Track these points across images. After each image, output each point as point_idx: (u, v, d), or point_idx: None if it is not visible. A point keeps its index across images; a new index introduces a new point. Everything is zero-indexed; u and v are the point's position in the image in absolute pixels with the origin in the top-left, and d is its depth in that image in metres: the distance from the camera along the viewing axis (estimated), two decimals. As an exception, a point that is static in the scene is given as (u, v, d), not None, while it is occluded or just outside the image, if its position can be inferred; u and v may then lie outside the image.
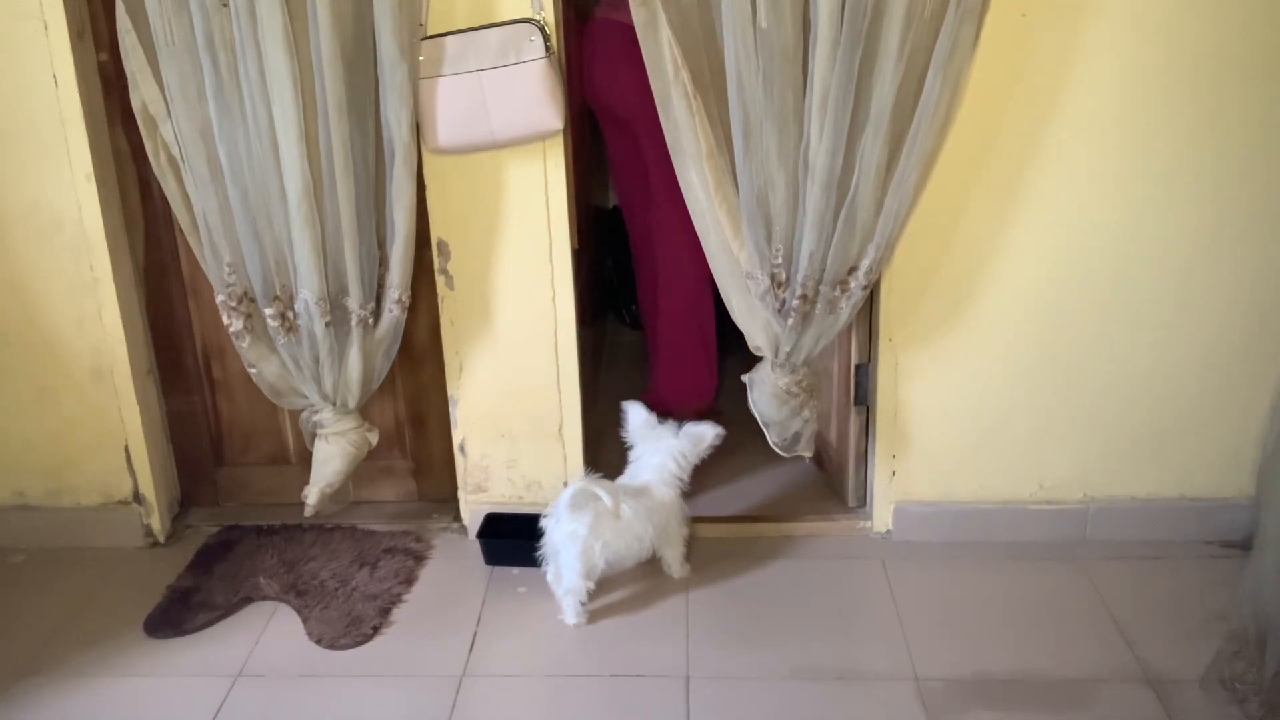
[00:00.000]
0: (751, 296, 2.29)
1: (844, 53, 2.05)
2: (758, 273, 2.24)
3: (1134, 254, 2.37)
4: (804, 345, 2.32)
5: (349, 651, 2.28)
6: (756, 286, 2.26)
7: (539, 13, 2.22)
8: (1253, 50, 2.22)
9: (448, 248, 2.44)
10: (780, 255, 2.22)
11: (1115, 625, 2.28)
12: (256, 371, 2.43)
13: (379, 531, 2.68)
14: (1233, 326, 2.41)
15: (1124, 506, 2.56)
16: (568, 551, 2.26)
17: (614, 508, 2.25)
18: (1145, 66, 2.23)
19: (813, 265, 2.22)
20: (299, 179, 2.22)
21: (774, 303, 2.26)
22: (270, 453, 2.77)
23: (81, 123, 2.37)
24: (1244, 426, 2.47)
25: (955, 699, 2.09)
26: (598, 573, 2.30)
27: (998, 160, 2.29)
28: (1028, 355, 2.44)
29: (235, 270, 2.34)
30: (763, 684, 2.14)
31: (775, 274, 2.24)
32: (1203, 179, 2.31)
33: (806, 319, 2.28)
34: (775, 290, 2.25)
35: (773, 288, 2.25)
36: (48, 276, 2.48)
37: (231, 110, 2.21)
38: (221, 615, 2.39)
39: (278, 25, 2.12)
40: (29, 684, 2.20)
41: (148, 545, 2.68)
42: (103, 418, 2.58)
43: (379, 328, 2.41)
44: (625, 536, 2.29)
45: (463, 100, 2.23)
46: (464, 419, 2.59)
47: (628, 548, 2.32)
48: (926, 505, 2.57)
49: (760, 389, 2.41)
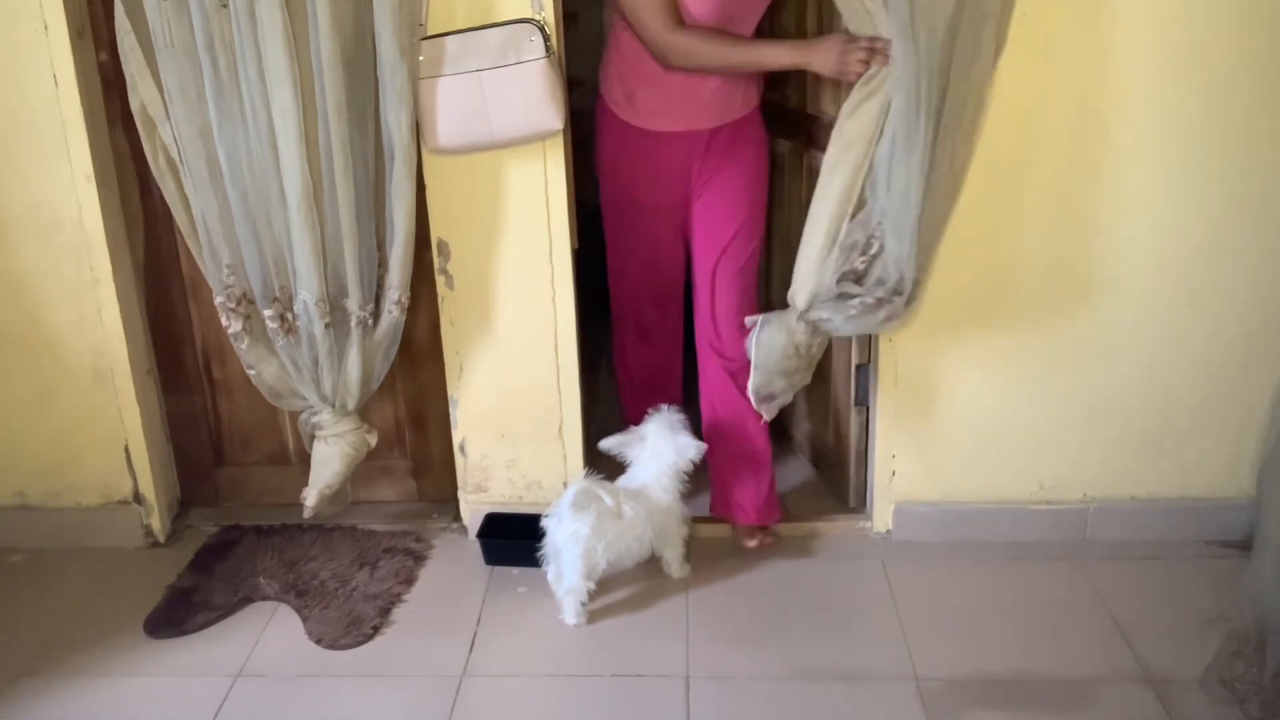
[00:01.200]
0: (832, 255, 2.24)
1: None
2: (855, 258, 2.24)
3: (1133, 254, 2.37)
4: (838, 324, 2.28)
5: (349, 651, 2.28)
6: (844, 261, 2.24)
7: (539, 13, 2.22)
8: (1253, 50, 2.22)
9: (448, 248, 2.44)
10: (869, 251, 2.23)
11: (1115, 625, 2.28)
12: (255, 373, 2.43)
13: (379, 531, 2.68)
14: (1233, 326, 2.41)
15: (1124, 506, 2.56)
16: (570, 552, 2.26)
17: (616, 508, 2.25)
18: (1145, 67, 2.23)
19: (896, 269, 2.21)
20: (298, 180, 2.22)
21: (848, 282, 2.26)
22: (270, 453, 2.77)
23: (81, 123, 2.37)
24: (1244, 426, 2.47)
25: (955, 699, 2.09)
26: (599, 573, 2.30)
27: (994, 162, 2.29)
28: (1027, 355, 2.44)
29: (234, 271, 2.34)
30: (763, 684, 2.14)
31: (858, 266, 2.24)
32: (1202, 179, 2.31)
33: (863, 311, 2.26)
34: (854, 277, 2.25)
35: (851, 275, 2.25)
36: (48, 276, 2.48)
37: (231, 111, 2.21)
38: (221, 615, 2.40)
39: (277, 26, 2.11)
40: (29, 684, 2.21)
41: (148, 545, 2.68)
42: (103, 418, 2.58)
43: (378, 329, 2.40)
44: (626, 537, 2.29)
45: (463, 100, 2.23)
46: (464, 419, 2.59)
47: (628, 548, 2.32)
48: (926, 505, 2.57)
49: (772, 331, 2.33)
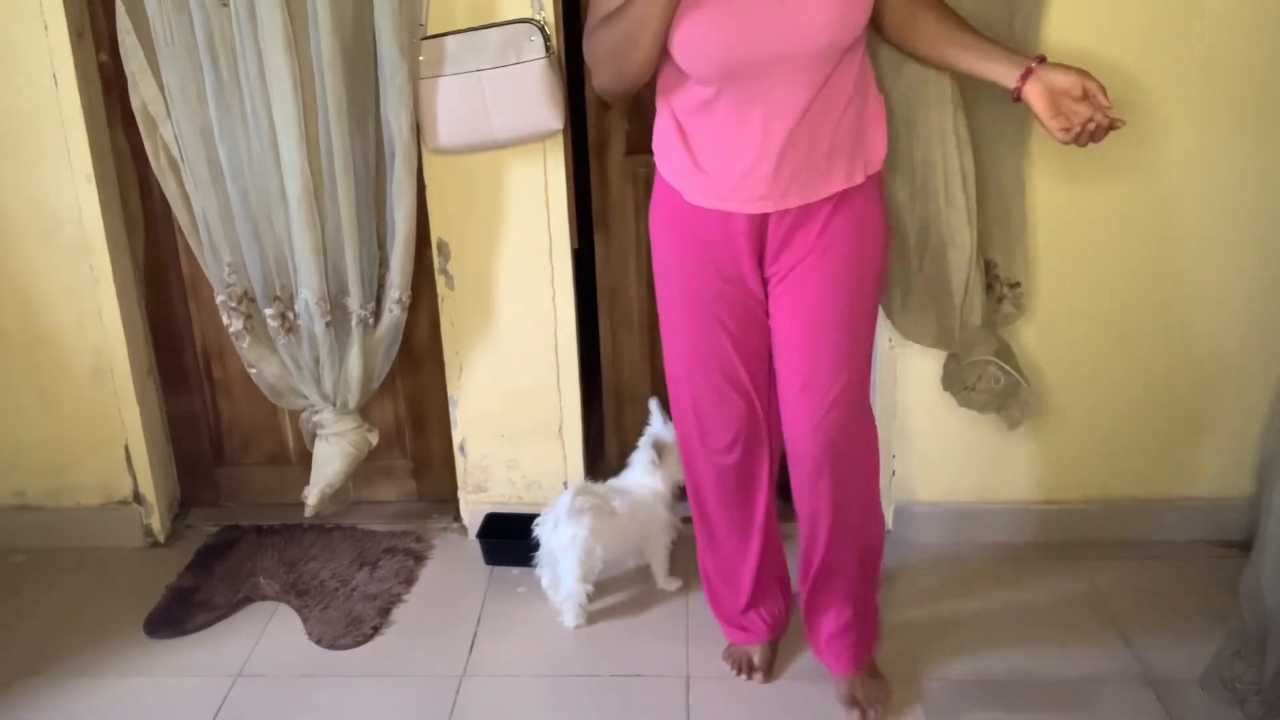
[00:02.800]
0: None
1: None
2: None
3: (1133, 254, 2.37)
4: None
5: (349, 651, 2.28)
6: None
7: (539, 13, 2.22)
8: (1252, 49, 2.22)
9: (448, 248, 2.44)
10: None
11: (1115, 625, 2.28)
12: (256, 372, 2.44)
13: (379, 531, 2.67)
14: (1233, 326, 2.41)
15: (1124, 506, 2.56)
16: (568, 556, 2.26)
17: (608, 506, 2.26)
18: (1144, 67, 2.23)
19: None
20: (299, 179, 2.22)
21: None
22: (270, 453, 2.77)
23: (81, 123, 2.37)
24: (1244, 426, 2.47)
25: (955, 699, 2.09)
26: (595, 574, 2.30)
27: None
28: (1027, 355, 2.44)
29: (235, 270, 2.35)
30: (763, 684, 2.14)
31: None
32: (1202, 180, 2.31)
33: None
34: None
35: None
36: (48, 276, 2.48)
37: (231, 111, 2.21)
38: (221, 615, 2.39)
39: (278, 26, 2.12)
40: (29, 684, 2.20)
41: (148, 545, 2.68)
42: (103, 418, 2.58)
43: (379, 328, 2.41)
44: (621, 535, 2.30)
45: (463, 100, 2.23)
46: (464, 419, 2.59)
47: (624, 546, 2.33)
48: (926, 505, 2.57)
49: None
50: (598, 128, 2.51)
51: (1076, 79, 1.71)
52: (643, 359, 2.68)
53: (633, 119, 2.47)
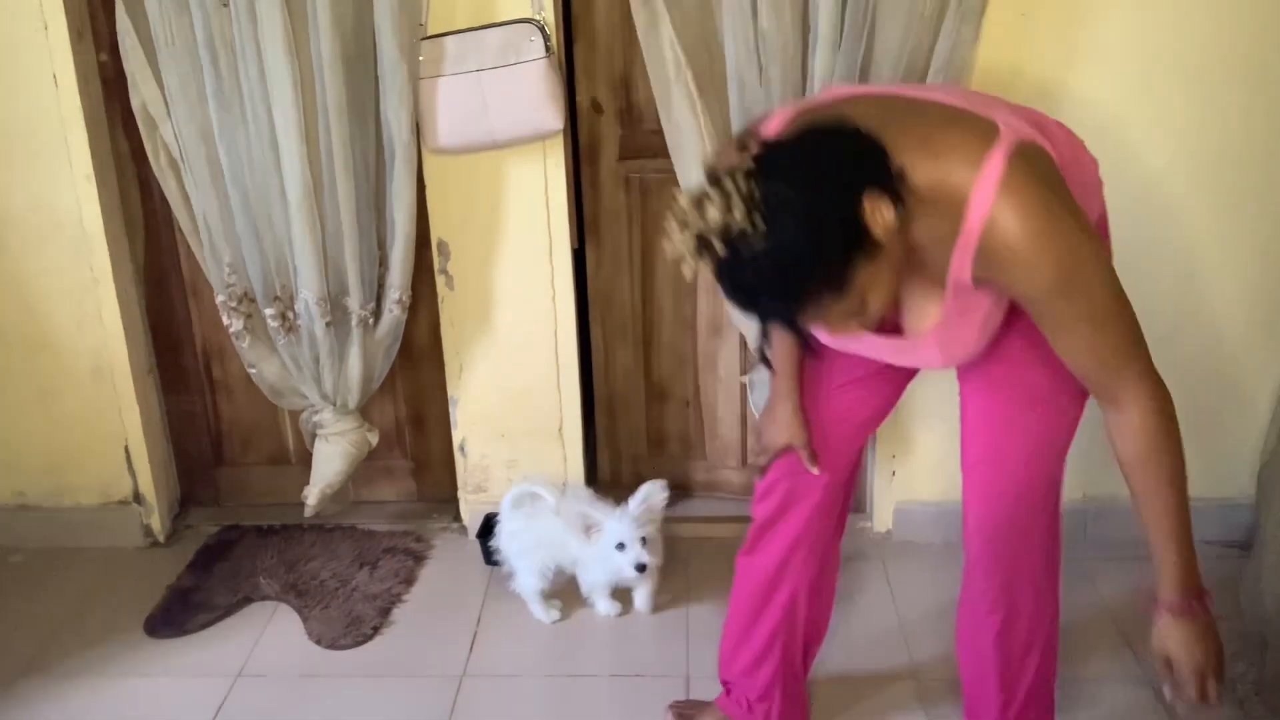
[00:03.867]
0: None
1: (844, 53, 2.05)
2: None
3: (1133, 254, 2.37)
4: None
5: (349, 651, 2.28)
6: None
7: (539, 13, 2.22)
8: (1252, 50, 2.22)
9: (448, 248, 2.44)
10: None
11: (1115, 625, 2.28)
12: (256, 371, 2.44)
13: (379, 531, 2.68)
14: (1232, 327, 2.41)
15: (1124, 506, 2.52)
16: (509, 549, 2.31)
17: (556, 505, 2.26)
18: (1142, 69, 2.23)
19: None
20: (299, 179, 2.22)
21: None
22: (270, 453, 2.77)
23: (81, 123, 2.36)
24: (1244, 427, 2.47)
25: (955, 699, 2.08)
26: (550, 571, 2.31)
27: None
28: (1028, 355, 2.44)
29: (235, 270, 2.35)
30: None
31: None
32: (1201, 180, 2.31)
33: None
34: None
35: None
36: (48, 276, 2.48)
37: (232, 110, 2.21)
38: (221, 615, 2.40)
39: (278, 26, 2.12)
40: (29, 684, 2.21)
41: (148, 545, 2.68)
42: (103, 418, 2.58)
43: (379, 328, 2.41)
44: (560, 545, 2.27)
45: (463, 100, 2.23)
46: (464, 419, 2.59)
47: (565, 557, 2.29)
48: (926, 505, 2.57)
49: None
50: (589, 132, 2.49)
51: (1175, 660, 1.53)
52: (636, 368, 2.66)
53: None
